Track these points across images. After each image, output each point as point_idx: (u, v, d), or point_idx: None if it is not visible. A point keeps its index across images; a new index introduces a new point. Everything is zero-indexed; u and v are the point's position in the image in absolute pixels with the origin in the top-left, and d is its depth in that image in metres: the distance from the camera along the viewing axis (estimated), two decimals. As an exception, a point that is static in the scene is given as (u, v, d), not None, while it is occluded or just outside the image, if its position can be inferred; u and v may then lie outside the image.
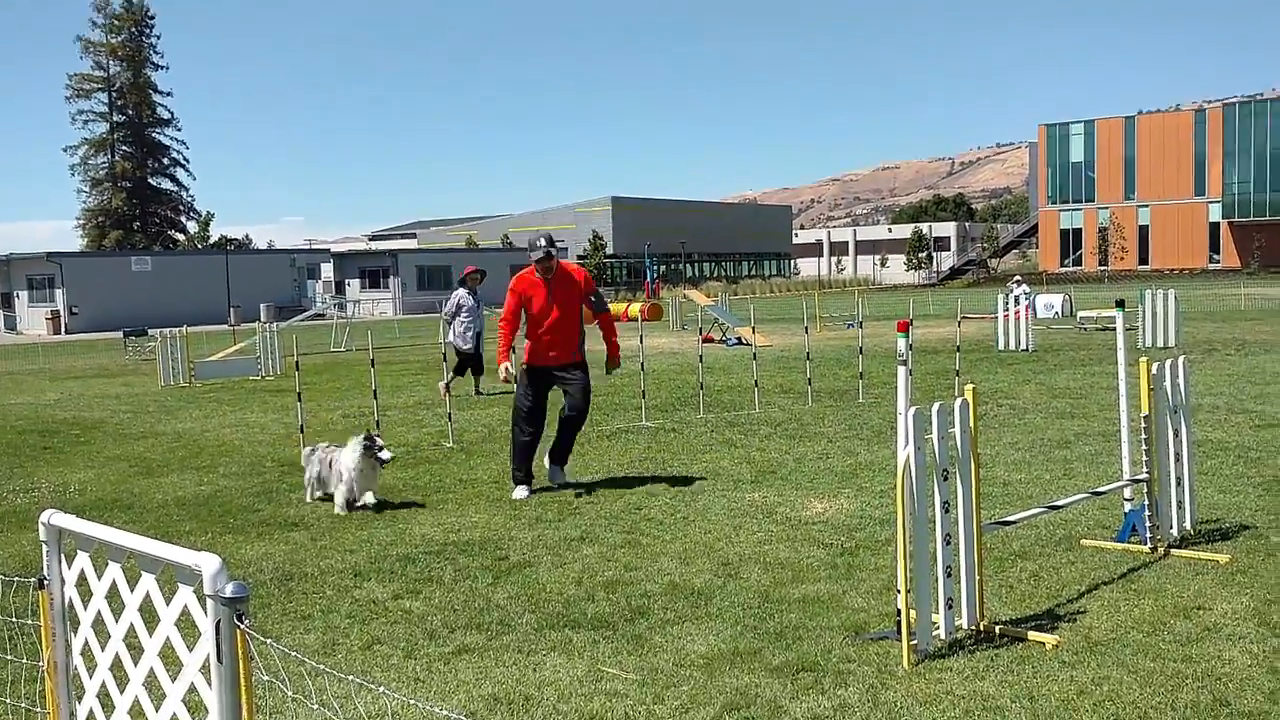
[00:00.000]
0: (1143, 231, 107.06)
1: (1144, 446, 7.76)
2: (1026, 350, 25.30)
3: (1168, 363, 7.97)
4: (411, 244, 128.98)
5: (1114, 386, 15.99)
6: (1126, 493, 8.09)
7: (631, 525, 9.10)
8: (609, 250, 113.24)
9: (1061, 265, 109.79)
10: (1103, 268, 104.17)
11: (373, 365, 14.17)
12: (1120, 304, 8.34)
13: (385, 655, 6.16)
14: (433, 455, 13.16)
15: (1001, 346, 26.09)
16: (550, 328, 10.69)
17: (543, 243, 10.63)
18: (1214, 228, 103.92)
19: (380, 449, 10.10)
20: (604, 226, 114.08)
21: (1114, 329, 7.09)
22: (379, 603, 7.17)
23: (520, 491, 10.55)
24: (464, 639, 6.36)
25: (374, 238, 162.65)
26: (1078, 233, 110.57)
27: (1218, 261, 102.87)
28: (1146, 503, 7.72)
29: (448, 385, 17.31)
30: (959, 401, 6.10)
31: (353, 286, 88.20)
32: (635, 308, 49.15)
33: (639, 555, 8.10)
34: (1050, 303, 41.52)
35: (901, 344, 5.96)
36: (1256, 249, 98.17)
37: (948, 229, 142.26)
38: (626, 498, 10.09)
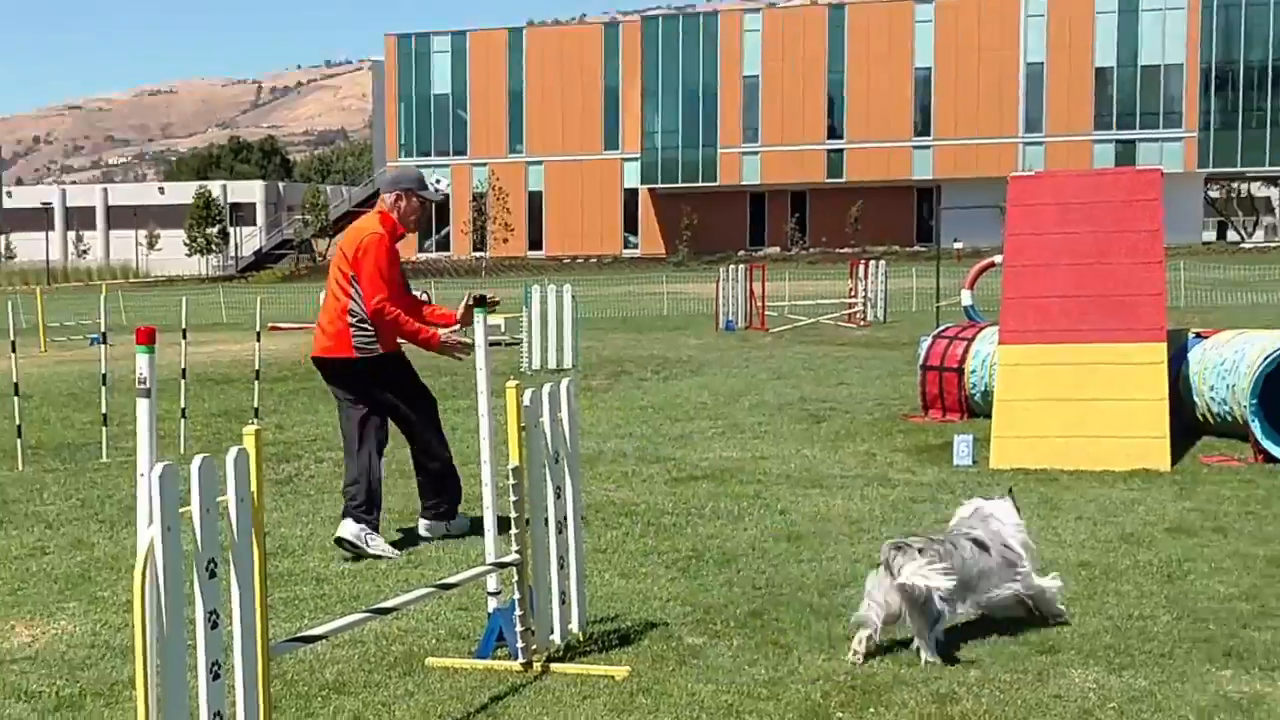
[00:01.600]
0: (534, 200, 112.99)
1: (513, 514, 8.10)
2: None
3: (546, 390, 8.37)
4: None
5: (485, 428, 16.71)
6: (491, 583, 8.42)
7: None
8: None
9: (420, 250, 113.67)
10: (479, 254, 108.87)
11: None
12: (481, 302, 8.69)
13: None
14: None
15: (327, 370, 26.52)
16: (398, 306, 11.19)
17: (444, 185, 10.22)
18: (630, 196, 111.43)
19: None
20: None
21: (494, 343, 7.47)
22: None
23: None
24: None
25: None
26: (443, 201, 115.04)
27: (635, 246, 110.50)
28: (518, 597, 8.07)
29: None
30: (233, 453, 6.02)
31: None
32: None
33: None
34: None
35: (144, 363, 5.87)
36: (686, 229, 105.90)
37: (253, 191, 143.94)
38: None
